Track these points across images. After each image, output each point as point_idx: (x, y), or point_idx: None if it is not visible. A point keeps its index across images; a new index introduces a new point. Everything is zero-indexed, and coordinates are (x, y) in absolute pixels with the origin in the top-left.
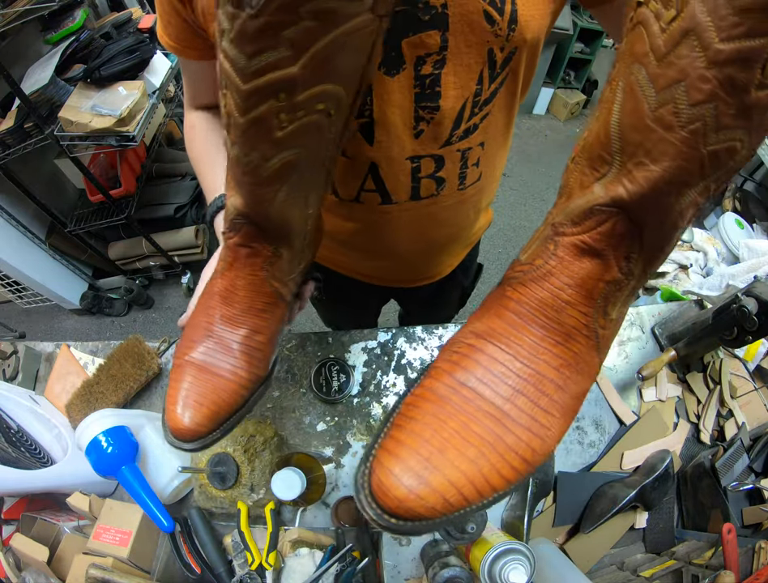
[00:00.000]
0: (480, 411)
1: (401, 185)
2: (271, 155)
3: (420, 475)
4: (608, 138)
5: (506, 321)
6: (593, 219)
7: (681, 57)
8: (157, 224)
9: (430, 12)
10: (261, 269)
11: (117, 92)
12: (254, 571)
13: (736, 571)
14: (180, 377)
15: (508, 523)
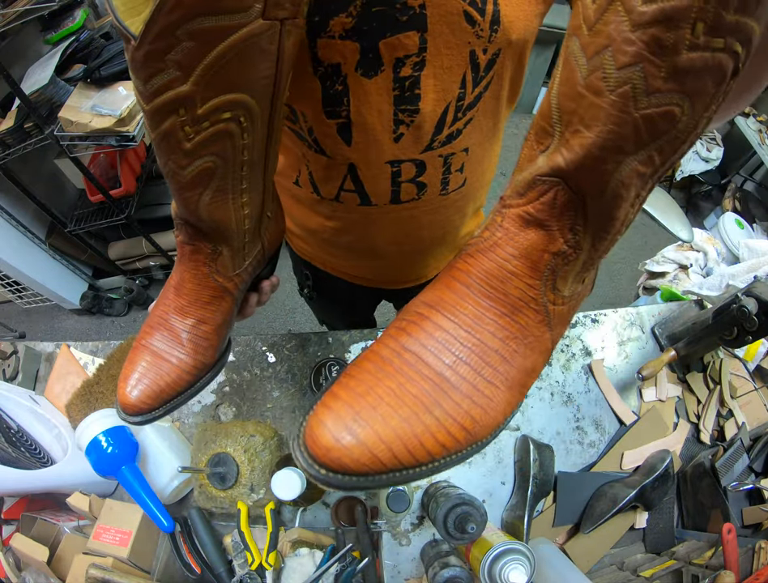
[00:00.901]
0: (419, 374)
1: (380, 188)
2: (186, 164)
3: (349, 427)
4: (549, 109)
5: (454, 291)
6: (536, 189)
7: (608, 24)
8: (157, 224)
9: (408, 12)
10: (204, 264)
11: (117, 92)
12: (254, 571)
13: (736, 571)
14: (134, 359)
15: (508, 523)
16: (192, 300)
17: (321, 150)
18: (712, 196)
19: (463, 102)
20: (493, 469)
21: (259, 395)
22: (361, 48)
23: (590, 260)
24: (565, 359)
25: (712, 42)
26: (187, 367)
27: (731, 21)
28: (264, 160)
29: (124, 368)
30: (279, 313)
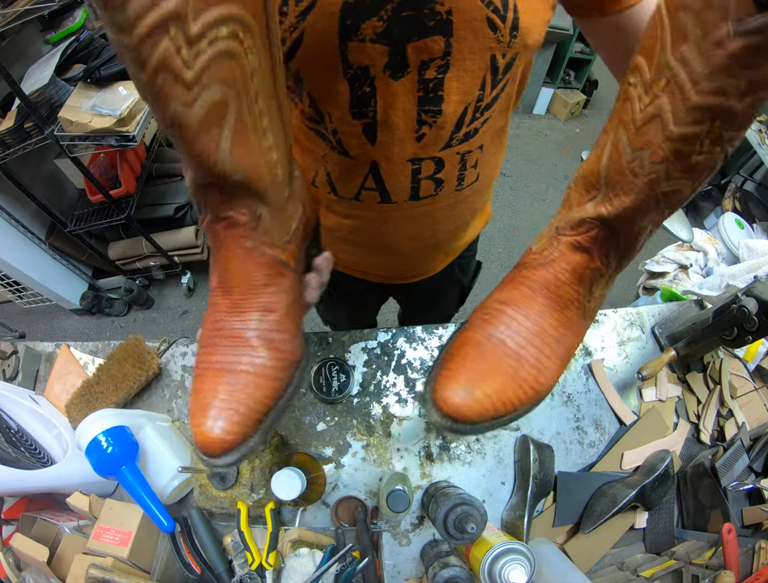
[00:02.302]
0: (504, 353)
1: (401, 185)
2: (191, 100)
3: (469, 390)
4: (599, 174)
5: (522, 293)
6: (584, 226)
7: (649, 132)
8: (157, 224)
9: (435, 18)
10: (245, 237)
11: (117, 92)
12: (254, 571)
13: (736, 571)
14: (200, 387)
15: (508, 523)
16: (245, 289)
17: (344, 151)
18: (712, 196)
19: (482, 103)
20: (493, 469)
21: None
22: (390, 51)
23: (615, 273)
24: None
25: (713, 149)
26: (269, 371)
27: (729, 136)
28: (276, 94)
29: (191, 403)
30: None
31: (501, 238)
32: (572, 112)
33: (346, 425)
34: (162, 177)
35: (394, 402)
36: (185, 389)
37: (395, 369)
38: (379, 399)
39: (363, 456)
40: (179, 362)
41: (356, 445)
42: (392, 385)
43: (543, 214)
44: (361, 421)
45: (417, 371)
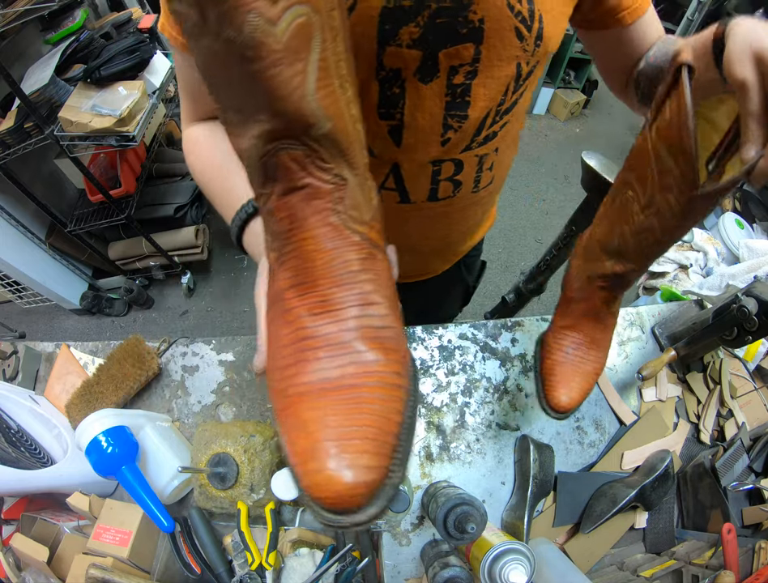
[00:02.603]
0: (576, 364)
1: (421, 186)
2: (276, 16)
3: (567, 394)
4: (613, 248)
5: (575, 320)
6: (607, 277)
7: (644, 232)
8: (157, 224)
9: (468, 26)
10: (331, 211)
11: (117, 92)
12: (254, 571)
13: (736, 571)
14: (298, 423)
15: (508, 523)
16: (336, 279)
17: (368, 149)
18: None
19: (502, 107)
20: (493, 469)
21: (259, 395)
22: (423, 57)
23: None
24: None
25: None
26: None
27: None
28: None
29: (292, 446)
30: None
31: (501, 238)
32: (572, 112)
33: None
34: (162, 177)
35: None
36: (185, 389)
37: None
38: None
39: None
40: (179, 362)
41: None
42: None
43: (543, 214)
44: None
45: (417, 371)
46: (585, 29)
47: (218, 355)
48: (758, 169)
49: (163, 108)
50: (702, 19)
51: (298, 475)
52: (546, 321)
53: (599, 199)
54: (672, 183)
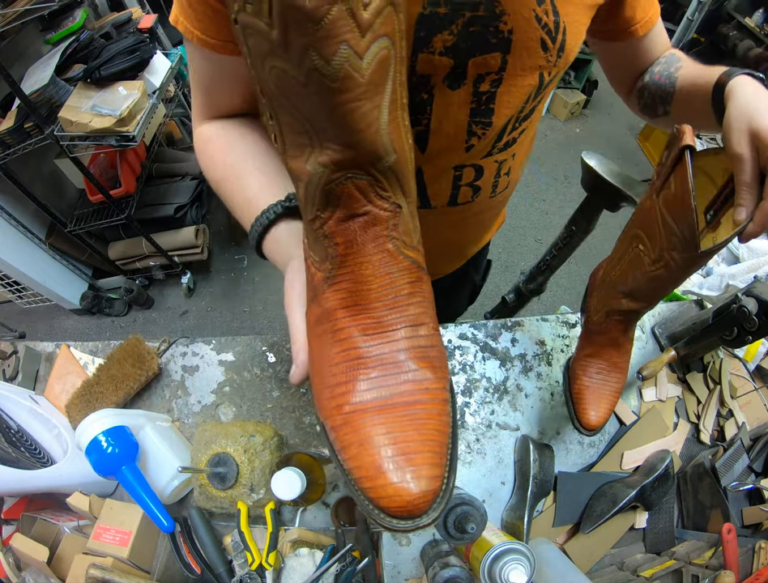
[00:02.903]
0: (601, 387)
1: (442, 191)
2: (363, 49)
3: (595, 414)
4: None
5: (596, 350)
6: (623, 312)
7: (654, 280)
8: (157, 224)
9: (498, 36)
10: (387, 238)
11: (117, 92)
12: (254, 571)
13: (736, 571)
14: (362, 436)
15: (508, 523)
16: (390, 302)
17: None
18: None
19: (522, 114)
20: (493, 469)
21: (259, 395)
22: (453, 65)
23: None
24: (565, 359)
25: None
26: (438, 393)
27: None
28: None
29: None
30: (279, 313)
31: (501, 238)
32: (572, 112)
33: None
34: (162, 177)
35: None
36: (185, 389)
37: None
38: None
39: None
40: (179, 362)
41: None
42: None
43: (543, 214)
44: None
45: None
46: (597, 39)
47: (218, 355)
48: (747, 232)
49: (163, 108)
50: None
51: (364, 488)
52: (546, 321)
53: (599, 199)
54: (677, 243)
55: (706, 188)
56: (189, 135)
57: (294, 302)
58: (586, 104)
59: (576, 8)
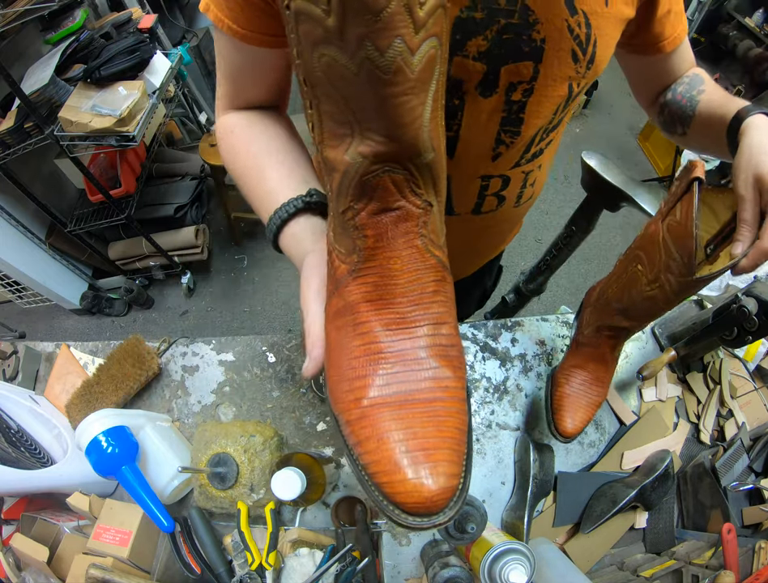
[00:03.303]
0: (581, 397)
1: (467, 199)
2: (416, 46)
3: (572, 423)
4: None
5: (583, 360)
6: (614, 328)
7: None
8: (157, 224)
9: (531, 45)
10: (417, 236)
11: (117, 92)
12: (254, 571)
13: (736, 571)
14: (380, 430)
15: (508, 523)
16: (415, 298)
17: None
18: None
19: (550, 125)
20: (493, 469)
21: (259, 395)
22: (486, 71)
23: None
24: None
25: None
26: (457, 392)
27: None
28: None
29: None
30: (279, 313)
31: None
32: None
33: None
34: (162, 177)
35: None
36: (185, 389)
37: None
38: None
39: None
40: (179, 362)
41: None
42: None
43: (542, 213)
44: None
45: None
46: (624, 51)
47: (218, 355)
48: (740, 266)
49: (163, 108)
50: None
51: (380, 483)
52: (546, 321)
53: (599, 199)
54: (674, 268)
55: (710, 223)
56: (189, 135)
57: (311, 296)
58: (586, 104)
59: (608, 21)
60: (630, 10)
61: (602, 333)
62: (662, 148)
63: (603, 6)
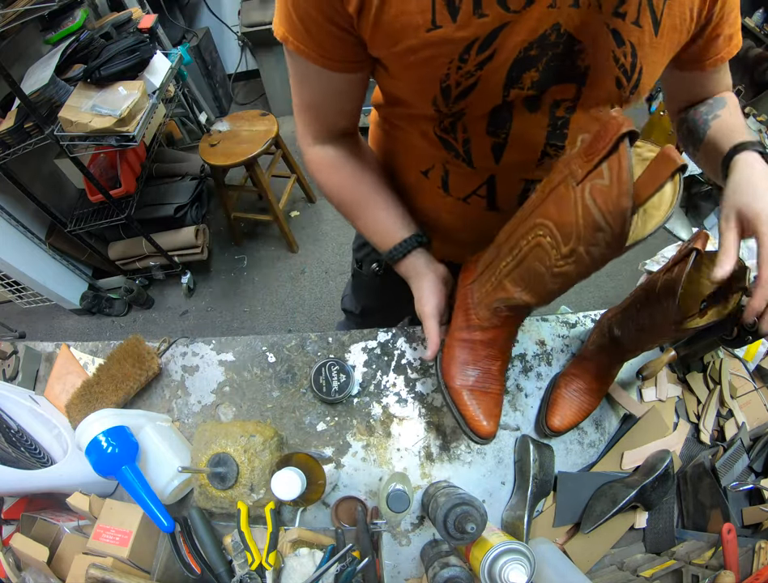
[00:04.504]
0: (574, 401)
1: (510, 198)
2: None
3: (561, 420)
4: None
5: (582, 371)
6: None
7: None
8: (157, 224)
9: (575, 71)
10: (516, 326)
11: (117, 92)
12: (254, 571)
13: (736, 571)
14: (469, 402)
15: (508, 523)
16: (503, 349)
17: (469, 160)
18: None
19: None
20: (493, 469)
21: (259, 395)
22: (532, 88)
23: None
24: (565, 358)
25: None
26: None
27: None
28: None
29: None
30: (279, 313)
31: None
32: None
33: (346, 425)
34: (162, 177)
35: (394, 402)
36: (185, 389)
37: (395, 369)
38: (379, 399)
39: (363, 456)
40: (179, 362)
41: (356, 445)
42: (392, 385)
43: None
44: (361, 421)
45: (417, 371)
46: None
47: (218, 355)
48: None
49: (163, 108)
50: None
51: (467, 419)
52: (546, 321)
53: None
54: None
55: (706, 285)
56: (189, 135)
57: (429, 311)
58: None
59: (656, 51)
60: (684, 37)
61: (603, 351)
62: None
63: (652, 37)
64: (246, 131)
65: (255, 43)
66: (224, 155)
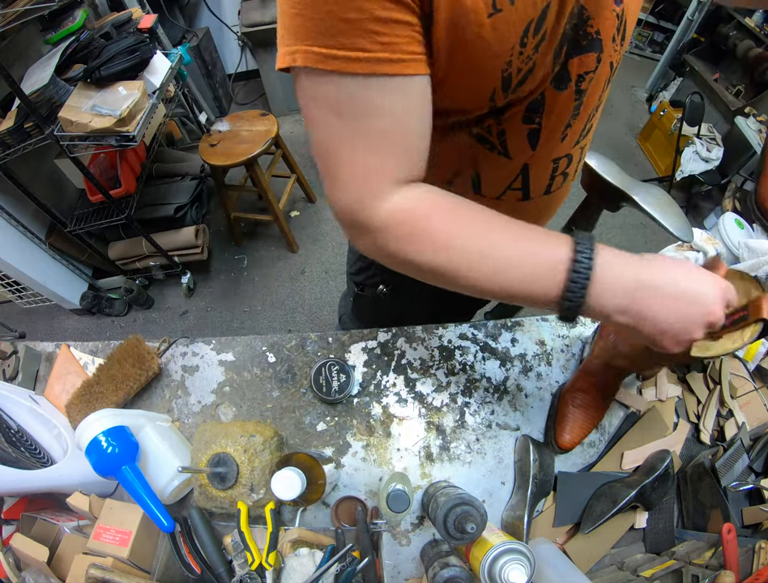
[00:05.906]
0: (581, 417)
1: (542, 183)
2: None
3: (569, 439)
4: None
5: (587, 385)
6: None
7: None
8: (157, 224)
9: (587, 38)
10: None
11: (117, 92)
12: (254, 571)
13: (736, 571)
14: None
15: (508, 523)
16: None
17: (504, 152)
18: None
19: (600, 102)
20: (493, 469)
21: (259, 395)
22: (556, 66)
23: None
24: (564, 359)
25: None
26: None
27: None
28: None
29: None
30: (279, 313)
31: None
32: None
33: (346, 425)
34: (162, 177)
35: (394, 402)
36: (185, 389)
37: (395, 369)
38: (379, 399)
39: (363, 456)
40: (179, 362)
41: (356, 445)
42: (392, 385)
43: None
44: (361, 421)
45: (417, 371)
46: None
47: (218, 355)
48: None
49: (163, 108)
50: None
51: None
52: (546, 321)
53: (599, 199)
54: None
55: None
56: (189, 135)
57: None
58: None
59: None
60: None
61: (609, 370)
62: (662, 148)
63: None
64: (246, 131)
65: (255, 43)
66: (223, 155)
